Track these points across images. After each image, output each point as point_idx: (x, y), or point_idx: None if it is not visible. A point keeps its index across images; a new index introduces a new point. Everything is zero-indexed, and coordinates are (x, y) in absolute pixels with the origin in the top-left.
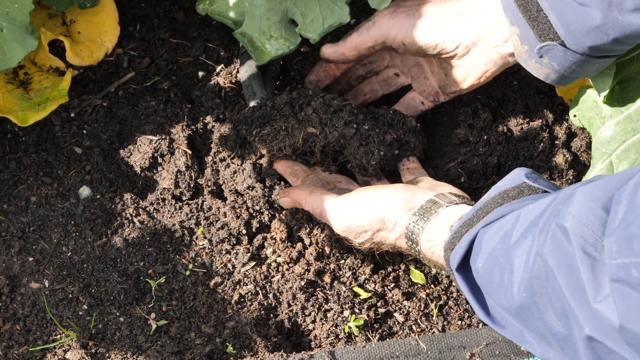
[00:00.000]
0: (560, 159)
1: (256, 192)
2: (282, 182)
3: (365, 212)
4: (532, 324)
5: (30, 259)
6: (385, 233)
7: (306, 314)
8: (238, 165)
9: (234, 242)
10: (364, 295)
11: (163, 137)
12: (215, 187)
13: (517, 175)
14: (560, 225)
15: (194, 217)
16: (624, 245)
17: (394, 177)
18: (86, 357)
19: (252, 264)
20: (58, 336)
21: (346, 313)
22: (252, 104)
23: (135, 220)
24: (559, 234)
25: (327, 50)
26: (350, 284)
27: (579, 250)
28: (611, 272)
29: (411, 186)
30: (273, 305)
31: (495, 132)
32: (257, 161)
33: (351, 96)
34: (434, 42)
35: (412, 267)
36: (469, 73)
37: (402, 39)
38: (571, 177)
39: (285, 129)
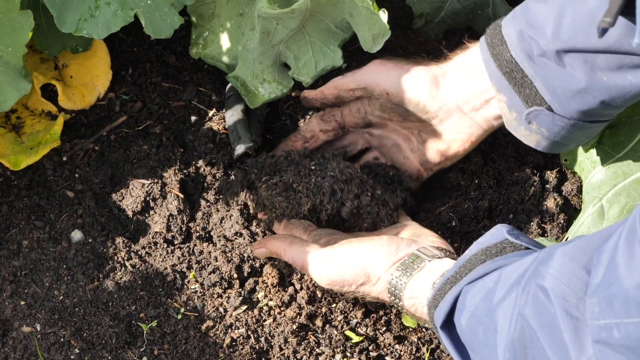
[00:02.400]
0: (551, 202)
1: (243, 239)
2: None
3: (349, 267)
4: None
5: (22, 302)
6: (368, 287)
7: (298, 357)
8: (225, 212)
9: (226, 285)
10: (355, 338)
11: (155, 181)
12: (204, 233)
13: (499, 232)
14: (541, 286)
15: (186, 261)
16: (605, 306)
17: None
18: None
19: (244, 307)
20: None
21: (338, 357)
22: (237, 148)
23: (127, 264)
24: (540, 294)
25: (307, 92)
26: (342, 327)
27: (561, 311)
28: (593, 333)
29: (395, 238)
30: (265, 349)
31: (487, 176)
32: (244, 209)
33: None
34: (417, 97)
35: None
36: (452, 139)
37: (386, 88)
38: (562, 221)
39: (295, 189)
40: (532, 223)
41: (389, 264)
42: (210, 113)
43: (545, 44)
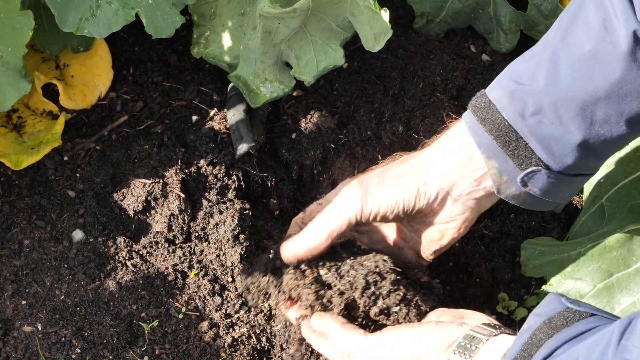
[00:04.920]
0: None
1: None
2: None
3: (399, 353)
4: None
5: (23, 302)
6: None
7: (299, 357)
8: (227, 213)
9: (227, 285)
10: None
11: (156, 180)
12: (204, 233)
13: (556, 301)
14: None
15: (187, 261)
16: None
17: None
18: None
19: (246, 307)
20: None
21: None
22: (239, 147)
23: (128, 263)
24: None
25: (292, 251)
26: None
27: None
28: None
29: (443, 322)
30: (266, 348)
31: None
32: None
33: None
34: (412, 202)
35: None
36: (445, 227)
37: (377, 209)
38: (563, 220)
39: (324, 282)
40: (533, 222)
41: (444, 348)
42: (212, 113)
43: (538, 98)
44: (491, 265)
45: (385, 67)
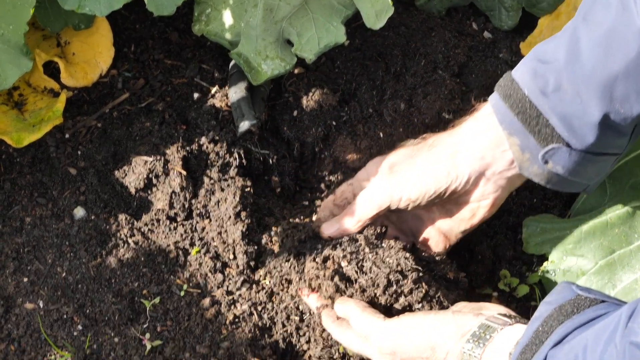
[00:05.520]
0: None
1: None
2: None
3: (414, 339)
4: None
5: (25, 279)
6: None
7: (300, 334)
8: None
9: (229, 263)
10: None
11: (158, 158)
12: (206, 210)
13: (567, 289)
14: (636, 344)
15: (189, 238)
16: None
17: None
18: None
19: (247, 284)
20: (52, 357)
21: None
22: (241, 125)
23: (129, 240)
24: (636, 352)
25: (328, 231)
26: None
27: None
28: None
29: (460, 312)
30: (268, 325)
31: None
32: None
33: None
34: (444, 186)
35: None
36: (478, 207)
37: (408, 197)
38: (565, 198)
39: (345, 275)
40: (535, 199)
41: (458, 337)
42: (213, 90)
43: (559, 75)
44: (493, 243)
45: (387, 44)
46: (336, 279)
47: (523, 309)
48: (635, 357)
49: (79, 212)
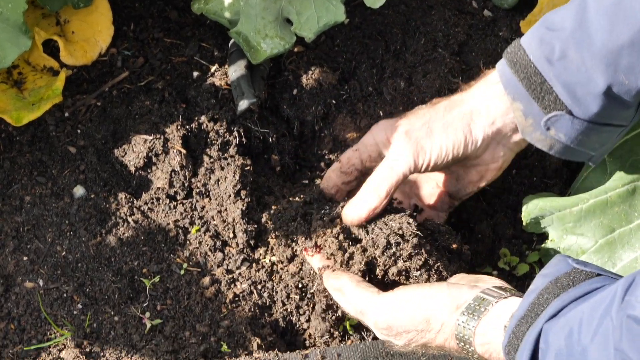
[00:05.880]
0: (554, 157)
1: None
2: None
3: (409, 312)
4: None
5: (25, 258)
6: (431, 334)
7: (300, 312)
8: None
9: (229, 241)
10: None
11: (157, 136)
12: (205, 189)
13: (563, 262)
14: (634, 317)
15: (189, 217)
16: None
17: None
18: (81, 356)
19: (247, 263)
20: (53, 335)
21: (340, 312)
22: (240, 104)
23: (129, 219)
24: (634, 325)
25: (356, 213)
26: None
27: None
28: None
29: (455, 284)
30: (268, 304)
31: None
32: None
33: None
34: (462, 151)
35: None
36: (486, 169)
37: (429, 162)
38: (565, 176)
39: (350, 236)
40: (535, 178)
41: (453, 309)
42: (213, 69)
43: (565, 43)
44: (493, 221)
45: (387, 22)
46: (341, 236)
47: (523, 287)
48: (632, 330)
49: (79, 190)
